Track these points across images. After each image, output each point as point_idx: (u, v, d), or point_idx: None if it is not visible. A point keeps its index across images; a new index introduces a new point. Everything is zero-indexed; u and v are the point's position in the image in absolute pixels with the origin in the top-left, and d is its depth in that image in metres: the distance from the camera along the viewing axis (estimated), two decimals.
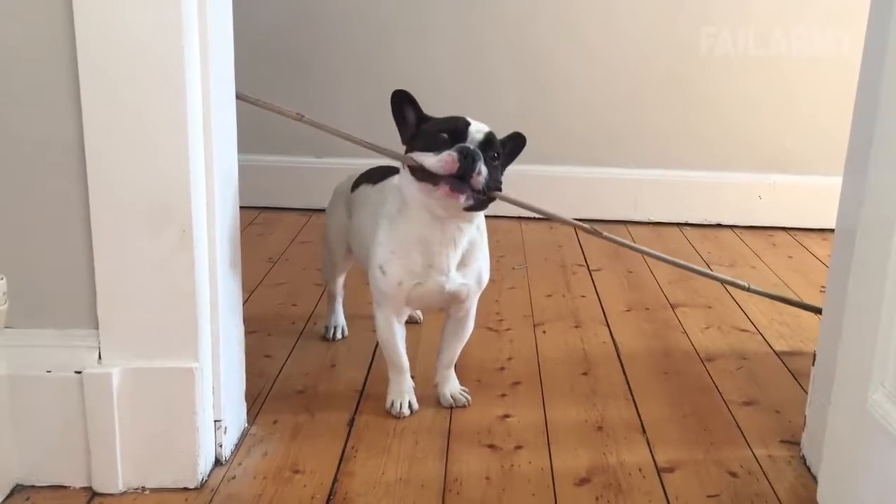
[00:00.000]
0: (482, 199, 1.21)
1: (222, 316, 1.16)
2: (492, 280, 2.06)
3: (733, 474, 1.22)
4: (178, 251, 1.08)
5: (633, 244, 1.51)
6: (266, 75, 2.63)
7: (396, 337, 1.35)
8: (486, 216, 1.33)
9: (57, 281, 1.10)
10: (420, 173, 1.20)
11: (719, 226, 2.64)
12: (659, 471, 1.22)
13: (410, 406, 1.36)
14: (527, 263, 2.23)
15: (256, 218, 2.55)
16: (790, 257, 2.34)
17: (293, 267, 2.13)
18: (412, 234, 1.26)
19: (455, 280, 1.29)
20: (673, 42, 2.59)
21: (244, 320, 1.28)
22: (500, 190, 1.24)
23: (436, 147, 1.20)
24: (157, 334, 1.10)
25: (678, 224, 2.65)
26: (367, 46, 2.62)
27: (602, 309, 1.89)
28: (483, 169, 1.18)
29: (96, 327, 1.10)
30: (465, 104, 2.62)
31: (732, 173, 2.65)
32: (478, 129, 1.22)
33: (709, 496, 1.16)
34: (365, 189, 1.45)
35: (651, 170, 2.65)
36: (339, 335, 1.66)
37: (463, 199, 1.18)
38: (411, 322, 1.69)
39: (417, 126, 1.27)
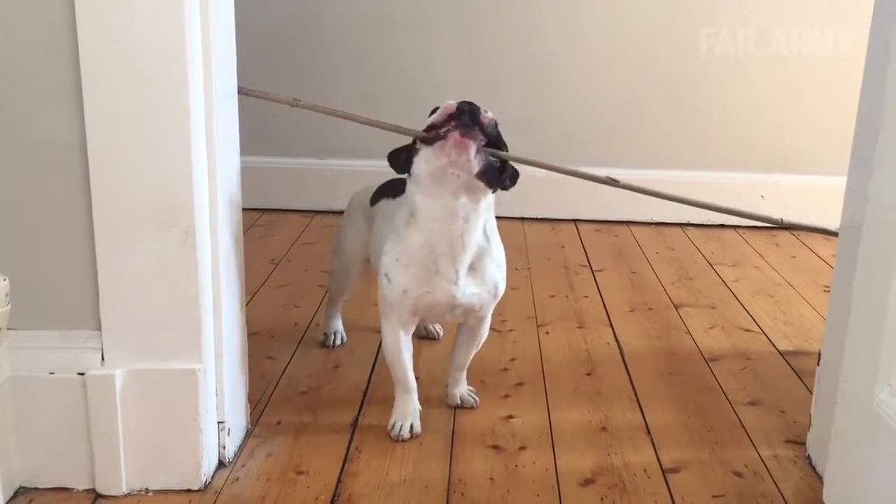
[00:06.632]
0: (492, 163, 1.16)
1: (225, 317, 1.16)
2: None
3: (738, 474, 1.21)
4: (180, 252, 1.08)
5: (653, 190, 1.38)
6: (268, 73, 2.61)
7: (403, 351, 1.29)
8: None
9: (59, 282, 1.10)
10: (430, 138, 1.15)
11: (722, 226, 2.63)
12: (664, 471, 1.22)
13: (412, 429, 1.29)
14: (529, 264, 2.22)
15: (259, 219, 2.55)
16: (794, 257, 2.34)
17: (295, 268, 2.13)
18: (417, 240, 1.21)
19: (466, 290, 1.24)
20: (674, 42, 2.58)
21: (247, 322, 1.27)
22: (505, 149, 1.19)
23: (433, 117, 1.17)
24: (160, 336, 1.10)
25: (681, 224, 2.64)
26: (369, 43, 2.61)
27: (605, 309, 1.89)
28: (486, 110, 1.15)
29: (99, 329, 1.10)
30: None
31: (735, 173, 2.64)
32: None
33: (714, 496, 1.16)
34: (385, 203, 1.41)
35: (653, 170, 2.64)
36: (338, 342, 1.64)
37: (473, 149, 1.12)
38: (430, 338, 1.68)
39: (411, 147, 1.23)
